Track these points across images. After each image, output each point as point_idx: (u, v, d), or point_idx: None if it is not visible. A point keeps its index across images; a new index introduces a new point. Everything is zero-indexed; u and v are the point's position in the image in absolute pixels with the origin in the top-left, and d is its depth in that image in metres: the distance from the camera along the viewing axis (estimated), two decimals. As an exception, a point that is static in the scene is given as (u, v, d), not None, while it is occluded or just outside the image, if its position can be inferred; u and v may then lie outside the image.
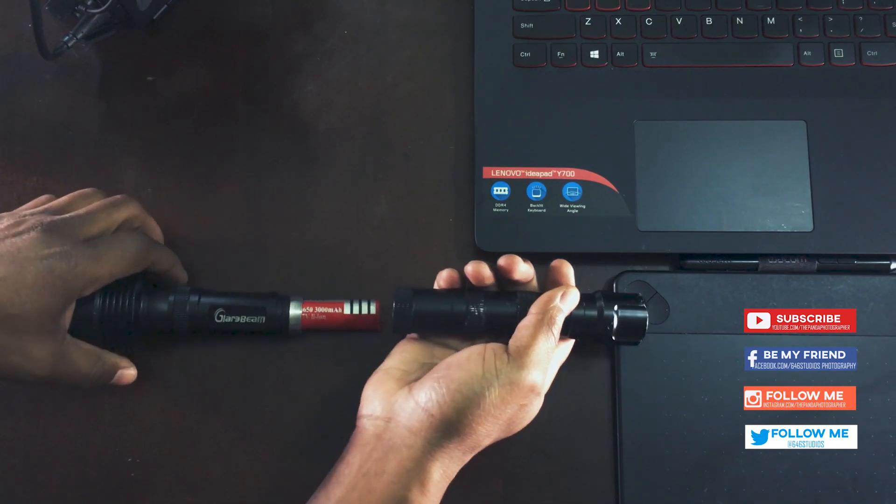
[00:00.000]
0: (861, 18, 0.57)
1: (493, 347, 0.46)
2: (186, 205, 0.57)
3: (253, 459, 0.53)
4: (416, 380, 0.47)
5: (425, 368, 0.48)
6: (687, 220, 0.54)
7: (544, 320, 0.47)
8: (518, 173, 0.55)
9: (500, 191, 0.55)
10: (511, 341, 0.46)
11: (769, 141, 0.55)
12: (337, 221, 0.56)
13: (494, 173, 0.55)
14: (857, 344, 0.52)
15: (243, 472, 0.53)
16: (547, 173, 0.55)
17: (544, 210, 0.54)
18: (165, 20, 0.59)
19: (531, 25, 0.58)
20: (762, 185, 0.55)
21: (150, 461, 0.53)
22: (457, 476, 0.47)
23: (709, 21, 0.58)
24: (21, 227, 0.46)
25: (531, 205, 0.55)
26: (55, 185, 0.56)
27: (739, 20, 0.58)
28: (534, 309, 0.48)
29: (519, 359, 0.45)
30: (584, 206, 0.54)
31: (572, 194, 0.55)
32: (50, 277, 0.45)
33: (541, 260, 0.51)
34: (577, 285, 0.55)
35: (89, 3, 0.52)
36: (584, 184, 0.55)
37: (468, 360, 0.46)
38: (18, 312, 0.44)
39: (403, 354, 0.49)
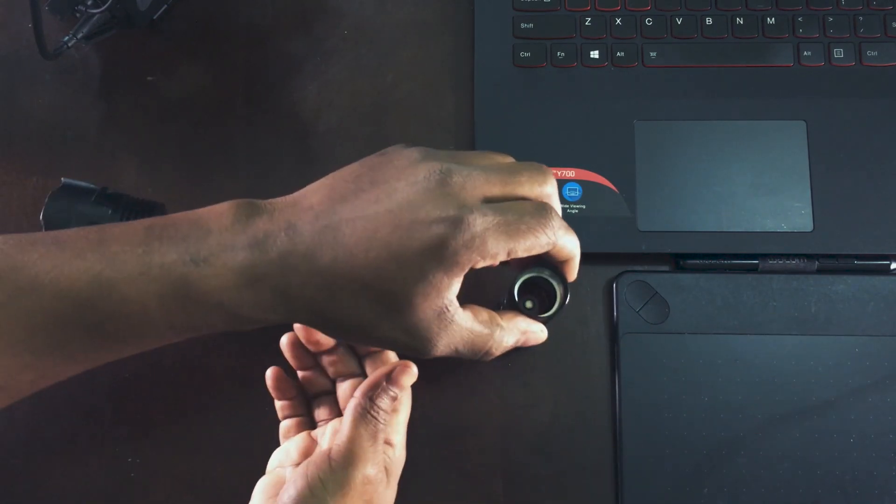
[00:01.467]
0: (861, 18, 0.57)
1: (315, 460, 0.43)
2: (186, 205, 0.56)
3: (253, 459, 0.53)
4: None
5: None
6: (687, 220, 0.54)
7: (362, 415, 0.43)
8: (518, 173, 0.55)
9: (500, 191, 0.55)
10: (335, 442, 0.43)
11: (769, 141, 0.55)
12: (337, 221, 0.56)
13: (494, 173, 0.55)
14: (858, 344, 0.52)
15: (243, 472, 0.53)
16: (547, 173, 0.55)
17: (544, 210, 0.54)
18: (165, 20, 0.59)
19: (531, 25, 0.58)
20: (762, 185, 0.55)
21: (150, 461, 0.53)
22: (457, 476, 0.47)
23: (709, 21, 0.58)
24: (420, 171, 0.39)
25: (531, 205, 0.54)
26: (55, 185, 0.56)
27: (739, 20, 0.58)
28: (358, 393, 0.44)
29: (342, 461, 0.42)
30: (584, 206, 0.54)
31: (572, 194, 0.55)
32: (439, 250, 0.37)
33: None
34: (578, 286, 0.55)
35: (89, 3, 0.52)
36: (584, 184, 0.55)
37: (294, 483, 0.42)
38: (399, 289, 0.37)
39: (286, 448, 0.48)
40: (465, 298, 0.55)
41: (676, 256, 0.55)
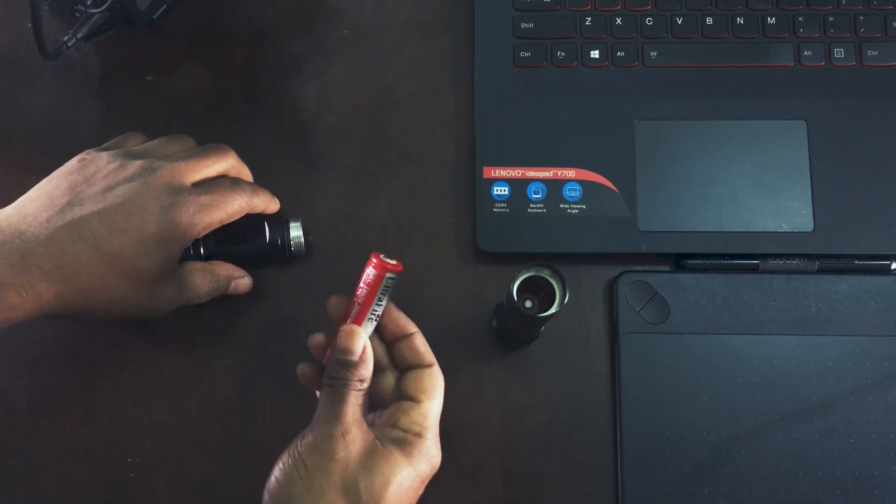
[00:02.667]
0: (861, 18, 0.57)
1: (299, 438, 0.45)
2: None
3: (253, 459, 0.53)
4: None
5: None
6: (687, 220, 0.54)
7: (323, 385, 0.45)
8: (518, 173, 0.55)
9: (500, 191, 0.55)
10: None
11: (769, 141, 0.55)
12: (337, 221, 0.56)
13: (494, 173, 0.55)
14: (858, 344, 0.52)
15: (243, 471, 0.53)
16: (547, 173, 0.55)
17: (544, 210, 0.54)
18: (165, 20, 0.59)
19: (531, 25, 0.58)
20: (762, 185, 0.55)
21: (150, 461, 0.53)
22: (457, 476, 0.47)
23: (709, 21, 0.58)
24: (130, 172, 0.46)
25: (531, 205, 0.54)
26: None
27: (739, 20, 0.58)
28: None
29: (308, 436, 0.44)
30: (584, 206, 0.54)
31: (572, 194, 0.55)
32: (171, 227, 0.46)
33: (541, 260, 0.51)
34: (578, 286, 0.55)
35: (89, 2, 0.52)
36: (584, 184, 0.55)
37: (280, 458, 0.45)
38: (144, 265, 0.45)
39: None
40: (466, 296, 0.55)
41: (676, 256, 0.55)
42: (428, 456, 0.44)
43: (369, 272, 0.45)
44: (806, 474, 0.51)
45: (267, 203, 0.53)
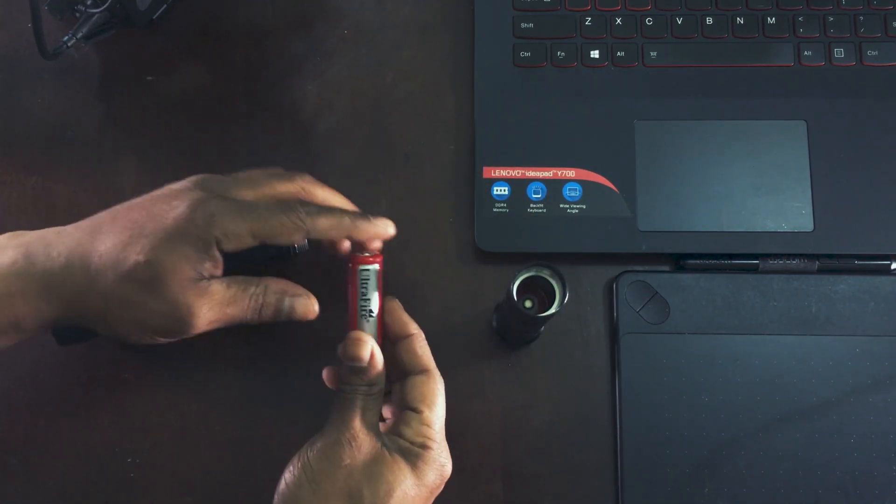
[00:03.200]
0: (861, 18, 0.57)
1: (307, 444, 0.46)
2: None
3: (252, 459, 0.53)
4: None
5: None
6: (687, 220, 0.54)
7: (336, 392, 0.46)
8: (518, 173, 0.55)
9: (500, 191, 0.55)
10: None
11: (769, 141, 0.55)
12: (337, 221, 0.56)
13: (494, 173, 0.55)
14: (858, 344, 0.52)
15: (243, 471, 0.53)
16: (547, 173, 0.55)
17: (544, 210, 0.54)
18: (165, 20, 0.59)
19: (531, 25, 0.58)
20: (762, 185, 0.55)
21: (150, 461, 0.53)
22: (457, 476, 0.47)
23: (709, 21, 0.58)
24: (179, 185, 0.46)
25: (531, 205, 0.54)
26: (55, 185, 0.57)
27: (739, 20, 0.58)
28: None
29: (318, 441, 0.45)
30: (584, 206, 0.54)
31: (572, 194, 0.55)
32: (183, 223, 0.43)
33: (541, 260, 0.51)
34: (578, 286, 0.55)
35: (89, 2, 0.52)
36: (584, 184, 0.55)
37: (290, 463, 0.46)
38: (152, 260, 0.43)
39: None
40: (466, 296, 0.55)
41: (676, 256, 0.55)
42: (435, 466, 0.44)
43: (348, 270, 0.47)
44: (806, 474, 0.51)
45: (345, 228, 0.46)
